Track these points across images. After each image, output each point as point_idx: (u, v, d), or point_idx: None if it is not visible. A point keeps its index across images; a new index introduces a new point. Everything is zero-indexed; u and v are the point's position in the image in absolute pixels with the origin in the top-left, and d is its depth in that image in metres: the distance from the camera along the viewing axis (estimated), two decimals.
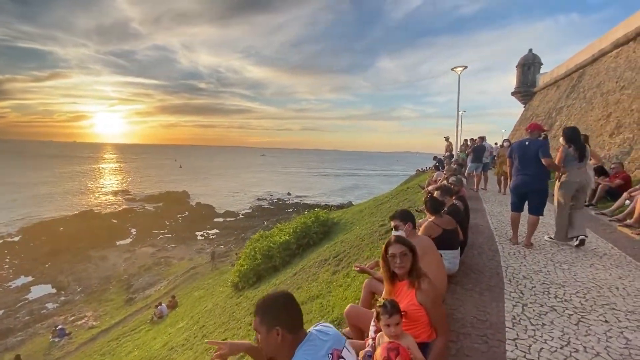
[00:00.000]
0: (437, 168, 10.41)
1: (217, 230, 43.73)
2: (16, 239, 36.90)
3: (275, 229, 10.86)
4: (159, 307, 14.21)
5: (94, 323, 17.34)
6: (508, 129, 47.07)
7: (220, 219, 49.95)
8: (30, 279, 26.67)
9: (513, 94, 33.46)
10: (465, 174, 9.67)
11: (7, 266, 28.91)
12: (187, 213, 52.92)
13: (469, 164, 10.16)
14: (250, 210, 57.36)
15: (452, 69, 15.34)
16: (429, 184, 8.49)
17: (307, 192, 79.52)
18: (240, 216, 52.81)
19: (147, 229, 42.24)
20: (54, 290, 24.84)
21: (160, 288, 20.73)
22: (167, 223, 46.60)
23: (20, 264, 29.33)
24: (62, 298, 23.38)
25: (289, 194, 76.32)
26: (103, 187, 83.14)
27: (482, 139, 10.90)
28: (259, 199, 68.97)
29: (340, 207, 57.16)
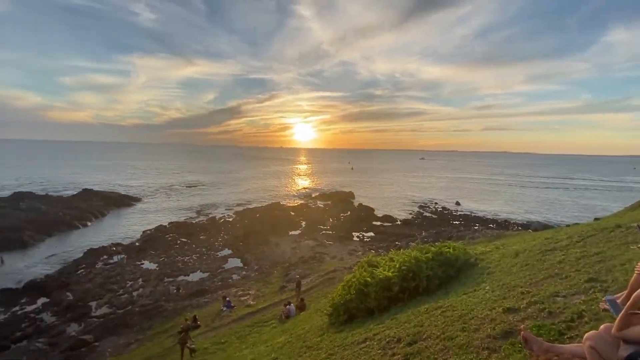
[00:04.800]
0: None
1: (373, 234, 43.76)
2: (230, 219, 49.92)
3: (387, 257, 8.73)
4: (288, 306, 14.83)
5: (251, 302, 20.42)
6: None
7: (378, 223, 49.90)
8: (230, 252, 35.03)
9: None
10: None
11: (220, 239, 39.25)
12: (349, 213, 56.22)
13: None
14: (409, 217, 54.59)
15: None
16: None
17: (481, 204, 68.00)
18: (398, 222, 50.95)
19: (314, 224, 47.44)
20: (241, 265, 31.51)
21: (304, 283, 22.16)
22: (331, 220, 50.83)
23: (227, 239, 39.17)
24: (244, 272, 29.18)
25: (457, 203, 67.72)
26: (291, 184, 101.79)
27: None
28: (421, 206, 64.83)
29: (527, 226, 45.42)
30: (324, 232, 44.24)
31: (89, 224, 46.01)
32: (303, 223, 48.51)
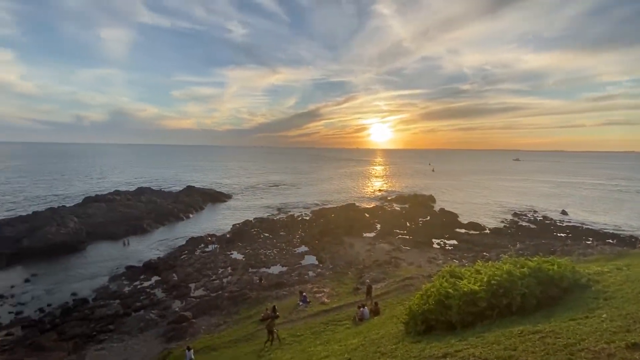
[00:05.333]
0: None
1: (456, 242, 40.30)
2: (307, 218, 51.97)
3: (472, 268, 7.89)
4: (362, 309, 14.68)
5: (326, 300, 20.86)
6: None
7: (462, 230, 45.77)
8: (306, 249, 36.47)
9: None
10: None
11: (298, 237, 41.20)
12: (428, 218, 52.95)
13: None
14: (501, 226, 48.63)
15: None
16: None
17: (597, 215, 56.66)
18: (487, 231, 45.87)
19: (390, 227, 46.05)
20: (316, 262, 32.48)
21: (378, 287, 21.67)
22: (408, 224, 48.64)
23: (304, 237, 40.88)
24: (319, 270, 30.01)
25: (563, 212, 57.77)
26: (366, 185, 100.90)
27: None
28: (515, 214, 57.19)
29: None
30: (400, 236, 42.56)
31: (191, 216, 53.50)
32: (378, 225, 47.53)
